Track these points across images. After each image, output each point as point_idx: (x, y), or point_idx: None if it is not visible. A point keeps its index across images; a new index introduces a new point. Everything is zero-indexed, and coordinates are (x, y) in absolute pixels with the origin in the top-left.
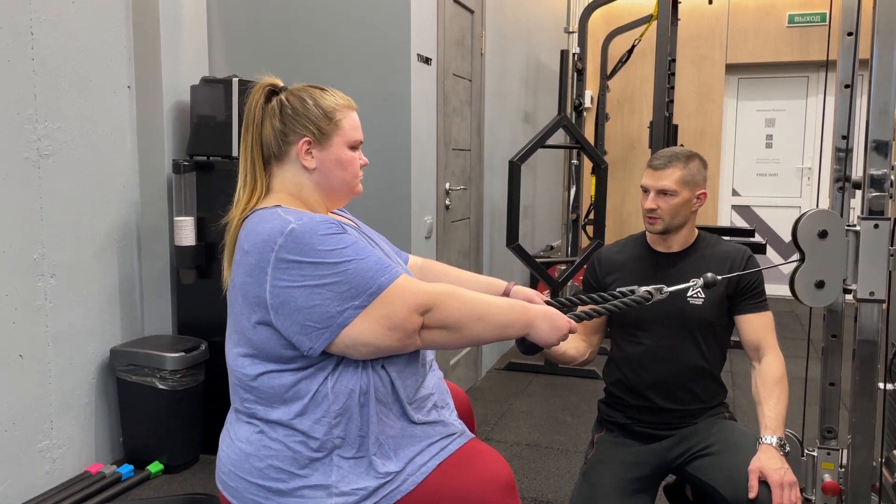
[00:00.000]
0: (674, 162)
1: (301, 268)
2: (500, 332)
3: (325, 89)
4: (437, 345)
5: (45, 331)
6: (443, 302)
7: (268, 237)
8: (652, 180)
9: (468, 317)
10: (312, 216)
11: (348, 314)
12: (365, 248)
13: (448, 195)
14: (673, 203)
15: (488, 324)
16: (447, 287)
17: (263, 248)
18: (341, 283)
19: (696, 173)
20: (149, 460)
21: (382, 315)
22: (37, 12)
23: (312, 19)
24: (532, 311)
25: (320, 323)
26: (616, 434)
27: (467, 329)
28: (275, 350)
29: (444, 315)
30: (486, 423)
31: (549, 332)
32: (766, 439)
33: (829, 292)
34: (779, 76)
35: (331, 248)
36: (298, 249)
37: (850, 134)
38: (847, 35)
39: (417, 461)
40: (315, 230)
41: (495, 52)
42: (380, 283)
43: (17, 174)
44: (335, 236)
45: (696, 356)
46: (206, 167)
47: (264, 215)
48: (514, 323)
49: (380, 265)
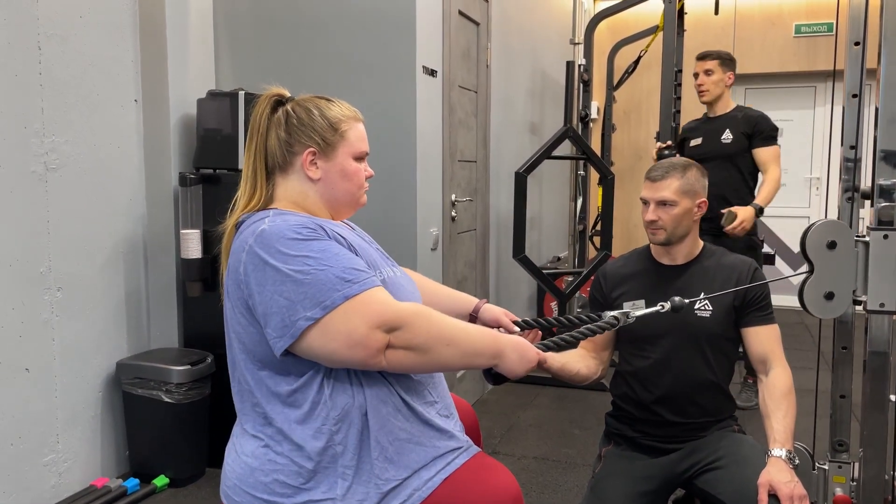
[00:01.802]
0: (671, 172)
1: (265, 270)
2: (469, 360)
3: (332, 100)
4: (404, 367)
5: (51, 344)
6: (412, 322)
7: (245, 237)
8: (650, 192)
9: (437, 340)
10: (289, 219)
11: (301, 324)
12: (336, 257)
13: (454, 207)
14: (673, 213)
15: (457, 350)
16: (418, 307)
17: (239, 249)
18: (297, 291)
19: (694, 182)
20: (154, 474)
21: (342, 331)
22: (44, 27)
23: (319, 32)
24: (502, 341)
25: (276, 330)
26: (624, 447)
27: (435, 352)
28: (268, 354)
29: (412, 336)
30: (492, 436)
31: (518, 363)
32: (774, 452)
33: (838, 304)
34: (786, 86)
35: (295, 254)
36: (265, 250)
37: (858, 144)
38: (854, 45)
39: (423, 475)
40: (283, 234)
41: (501, 63)
42: (334, 298)
43: (25, 188)
44: (302, 242)
45: (704, 369)
46: (213, 180)
47: (253, 218)
48: (483, 351)
49: (343, 277)
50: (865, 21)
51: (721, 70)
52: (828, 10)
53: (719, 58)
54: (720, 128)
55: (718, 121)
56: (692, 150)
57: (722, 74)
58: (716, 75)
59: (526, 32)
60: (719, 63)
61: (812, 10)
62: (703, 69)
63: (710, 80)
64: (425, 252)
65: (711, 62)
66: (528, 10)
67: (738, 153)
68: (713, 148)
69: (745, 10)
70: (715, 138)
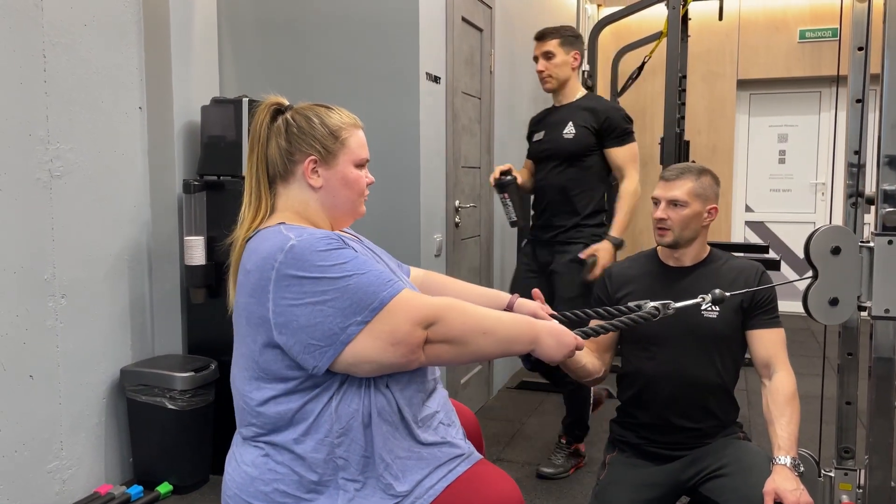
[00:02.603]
0: (686, 174)
1: (302, 284)
2: (506, 348)
3: (331, 108)
4: (442, 360)
5: (55, 351)
6: (447, 315)
7: (268, 255)
8: (663, 191)
9: (473, 331)
10: (313, 232)
11: (351, 330)
12: (366, 262)
13: (458, 213)
14: (683, 214)
15: (493, 338)
16: (451, 301)
17: (264, 267)
18: (342, 298)
19: (707, 187)
20: (158, 481)
21: (385, 330)
22: (50, 35)
23: (322, 39)
24: (538, 327)
25: (324, 340)
26: (628, 454)
27: (472, 343)
28: (280, 371)
29: (448, 329)
30: (497, 443)
31: (555, 348)
32: (780, 460)
33: (843, 310)
34: (791, 91)
35: (331, 264)
36: (299, 266)
37: (862, 149)
38: (858, 50)
39: (425, 484)
40: (314, 246)
41: (504, 69)
42: (381, 298)
43: (29, 195)
44: (335, 251)
45: (711, 371)
46: (217, 187)
47: (266, 234)
48: (519, 338)
49: (381, 279)
50: (869, 26)
51: (563, 51)
52: (832, 16)
53: (560, 36)
54: (561, 120)
55: (560, 112)
56: (535, 147)
57: (565, 56)
58: (558, 57)
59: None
60: (560, 43)
61: (816, 16)
62: (541, 52)
63: (552, 63)
64: (429, 258)
65: (551, 42)
66: (532, 16)
67: (582, 152)
68: (554, 145)
69: (749, 15)
70: (556, 132)
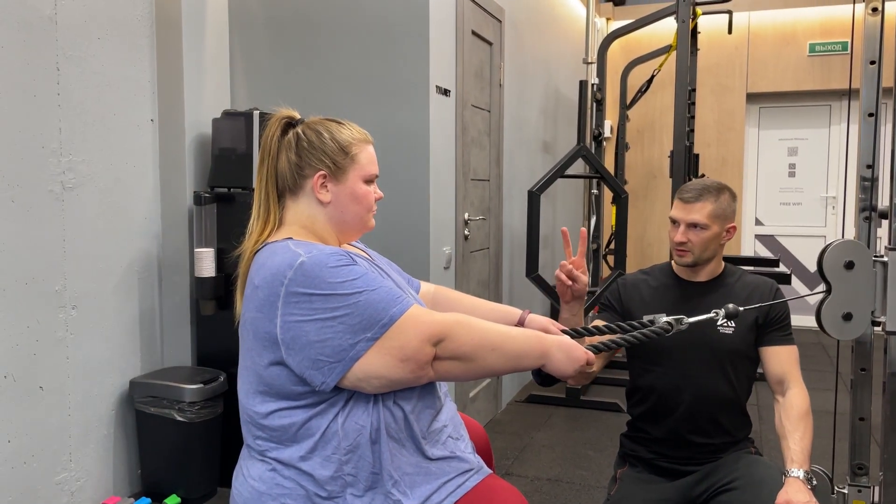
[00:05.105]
0: (705, 195)
1: (312, 301)
2: (515, 363)
3: (342, 122)
4: (451, 376)
5: (65, 362)
6: (455, 332)
7: (277, 271)
8: (682, 213)
9: (481, 347)
10: (322, 248)
11: (360, 347)
12: (375, 279)
13: (467, 225)
14: (703, 237)
15: (502, 354)
16: (459, 317)
17: (273, 282)
18: (353, 315)
19: (726, 207)
20: (166, 493)
21: (395, 346)
22: (63, 49)
23: (333, 52)
24: (547, 341)
25: (333, 356)
26: (639, 469)
27: (481, 359)
28: (286, 387)
29: (457, 345)
30: (506, 457)
31: (566, 362)
32: (792, 472)
33: (856, 325)
34: (800, 105)
35: (341, 280)
36: (308, 282)
37: (875, 163)
38: (870, 64)
39: (434, 499)
40: (325, 262)
41: (514, 82)
42: (391, 315)
43: (41, 206)
44: (345, 268)
45: (726, 387)
46: (227, 199)
47: (275, 249)
48: (528, 353)
49: (391, 296)
50: (881, 40)
51: None
52: (842, 29)
53: None
54: None
55: None
56: None
57: None
58: None
59: (539, 52)
60: None
61: (826, 29)
62: None
63: None
64: (438, 270)
65: None
66: (541, 29)
67: None
68: None
69: (759, 29)
70: None
